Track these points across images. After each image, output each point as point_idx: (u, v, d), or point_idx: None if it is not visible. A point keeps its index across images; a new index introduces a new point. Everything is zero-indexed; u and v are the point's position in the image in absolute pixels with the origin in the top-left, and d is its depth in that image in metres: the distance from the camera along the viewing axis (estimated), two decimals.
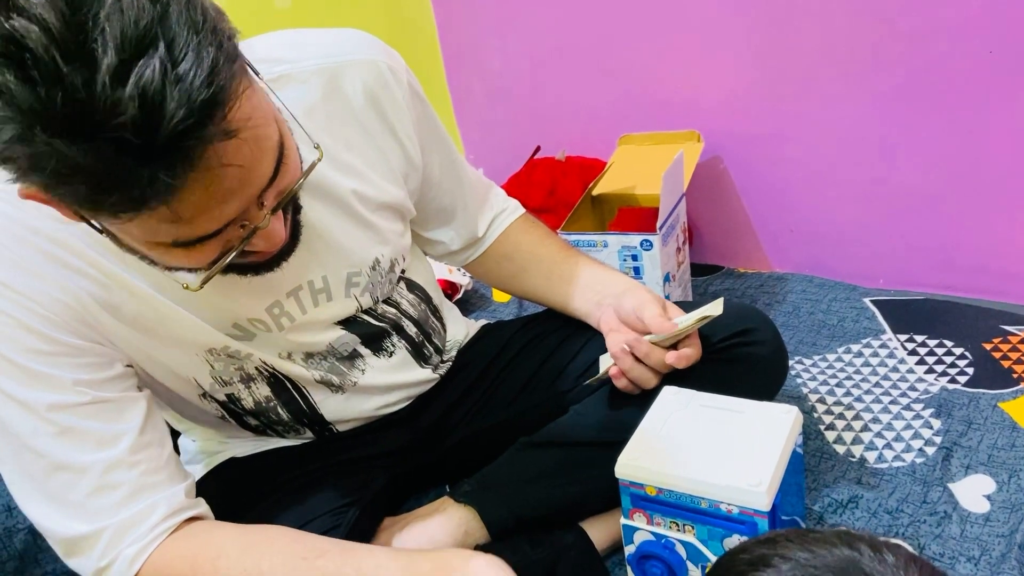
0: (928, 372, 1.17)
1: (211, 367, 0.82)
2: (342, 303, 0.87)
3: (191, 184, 0.53)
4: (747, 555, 0.47)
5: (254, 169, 0.58)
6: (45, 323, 0.69)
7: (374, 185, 0.86)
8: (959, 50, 1.21)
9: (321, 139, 0.78)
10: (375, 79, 0.83)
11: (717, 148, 1.53)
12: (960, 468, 0.99)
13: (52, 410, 0.69)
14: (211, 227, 0.58)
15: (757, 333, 0.97)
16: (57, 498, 0.71)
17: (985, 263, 1.33)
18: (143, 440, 0.74)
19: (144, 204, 0.52)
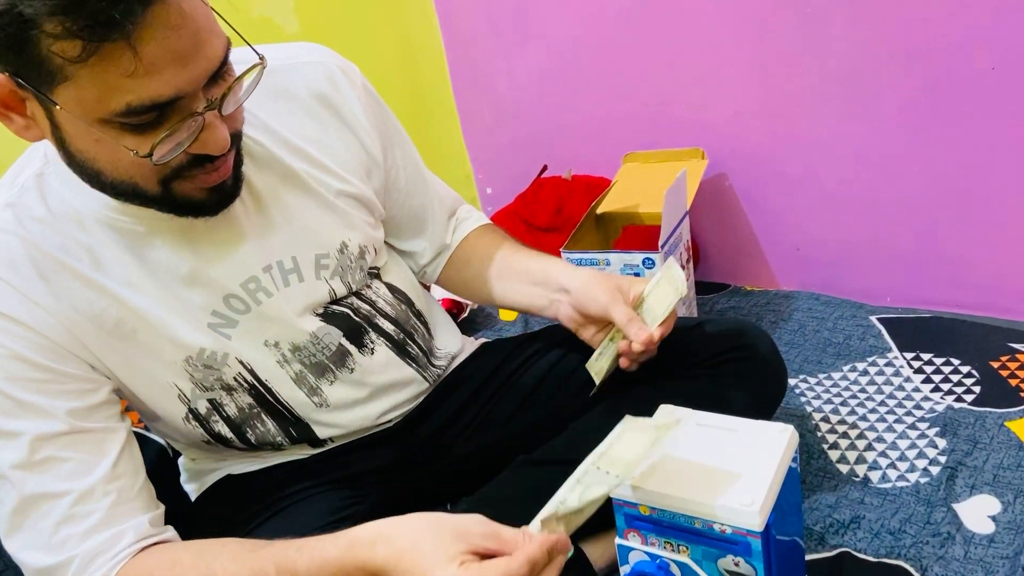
0: (934, 390, 1.16)
1: (191, 378, 0.83)
2: (313, 284, 0.88)
3: (155, 19, 0.59)
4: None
5: (207, 39, 0.64)
6: (36, 350, 0.71)
7: (334, 174, 0.88)
8: (963, 67, 1.21)
9: (273, 127, 0.84)
10: (325, 77, 0.88)
11: (722, 166, 1.53)
12: (965, 488, 0.98)
13: (36, 440, 0.71)
14: (164, 91, 0.62)
15: (752, 348, 0.97)
16: (30, 529, 0.72)
17: (992, 281, 1.31)
18: (116, 471, 0.75)
19: (111, 25, 0.57)
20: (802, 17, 1.32)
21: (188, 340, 0.81)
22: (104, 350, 0.77)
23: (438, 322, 1.07)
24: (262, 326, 0.85)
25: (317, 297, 0.89)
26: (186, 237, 0.79)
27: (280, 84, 0.85)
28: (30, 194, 0.75)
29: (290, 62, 0.87)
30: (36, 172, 0.76)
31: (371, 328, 0.94)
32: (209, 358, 0.83)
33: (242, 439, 0.92)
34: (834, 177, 1.40)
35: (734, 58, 1.43)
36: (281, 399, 0.90)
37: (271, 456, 0.97)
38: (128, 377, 0.80)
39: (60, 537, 0.72)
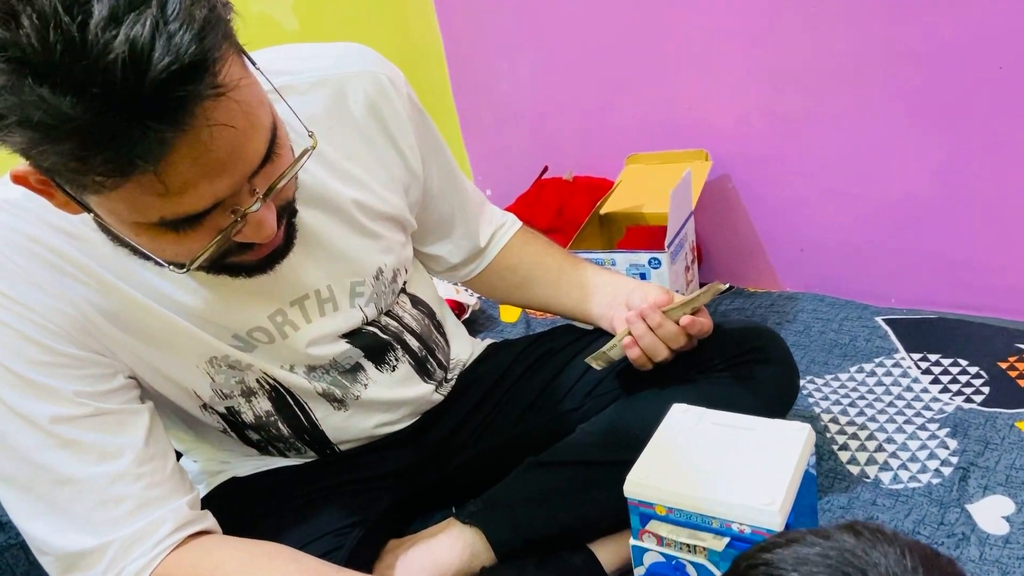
0: (943, 391, 1.15)
1: (211, 379, 0.81)
2: (347, 313, 0.87)
3: (179, 147, 0.53)
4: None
5: (245, 143, 0.58)
6: (46, 334, 0.69)
7: (375, 195, 0.86)
8: (968, 67, 1.20)
9: (323, 149, 0.78)
10: (376, 91, 0.84)
11: (726, 167, 1.52)
12: (978, 489, 0.97)
13: (54, 423, 0.69)
14: (199, 204, 0.57)
15: (768, 351, 0.96)
16: (61, 512, 0.70)
17: (998, 281, 1.31)
18: (147, 453, 0.73)
19: (132, 166, 0.52)
20: (806, 18, 1.32)
21: (211, 347, 0.79)
22: (117, 343, 0.74)
23: (452, 330, 1.06)
24: (281, 353, 0.84)
25: (351, 323, 0.88)
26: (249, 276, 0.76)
27: (333, 96, 0.81)
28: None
29: (344, 71, 0.83)
30: None
31: (399, 345, 0.93)
32: (234, 362, 0.82)
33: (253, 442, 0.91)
34: (838, 178, 1.40)
35: (738, 59, 1.42)
36: (302, 404, 0.89)
37: (278, 458, 0.95)
38: (144, 372, 0.78)
39: (95, 521, 0.69)
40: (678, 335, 0.88)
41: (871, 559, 0.43)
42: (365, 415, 0.93)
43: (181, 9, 0.50)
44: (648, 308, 0.87)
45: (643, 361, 0.90)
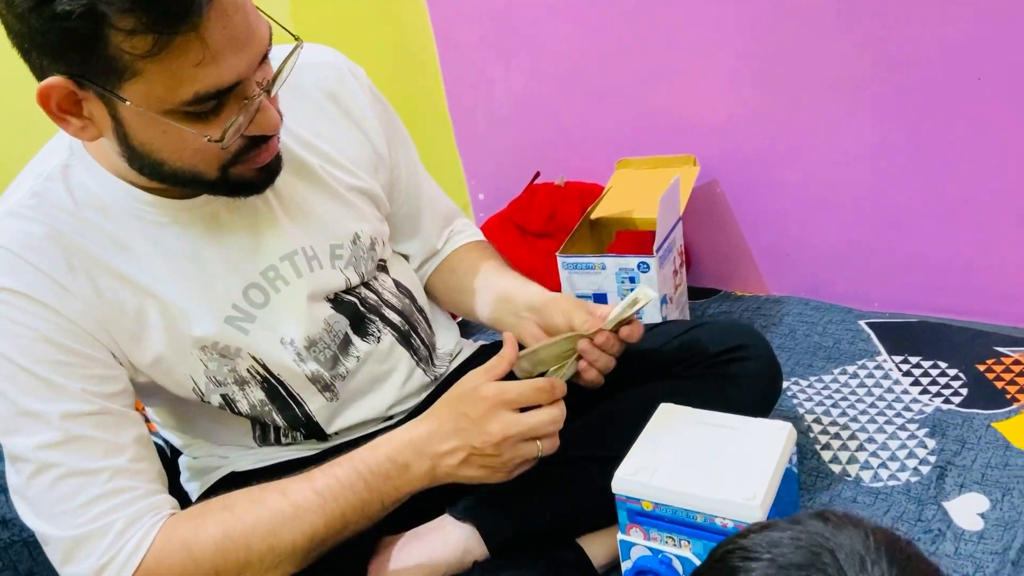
0: (923, 393, 1.18)
1: (205, 366, 0.84)
2: (330, 274, 0.91)
3: (216, 7, 0.62)
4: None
5: (254, 26, 0.67)
6: (63, 333, 0.73)
7: (344, 169, 0.92)
8: (949, 76, 1.24)
9: (290, 125, 0.86)
10: (334, 77, 0.93)
11: (714, 172, 1.55)
12: (954, 487, 1.00)
13: (65, 419, 0.72)
14: (228, 76, 0.65)
15: (750, 349, 1.00)
16: (58, 505, 0.73)
17: (978, 285, 1.35)
18: (142, 453, 0.77)
19: (183, 19, 0.60)
20: (793, 25, 1.35)
21: (205, 330, 0.83)
22: (125, 337, 0.79)
23: (439, 321, 1.09)
24: (279, 319, 0.87)
25: (333, 284, 0.92)
26: (209, 228, 0.82)
27: (293, 82, 0.86)
28: (56, 184, 0.77)
29: (303, 61, 0.88)
30: (62, 163, 0.78)
31: (378, 317, 0.97)
32: (224, 349, 0.85)
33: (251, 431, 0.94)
34: (824, 183, 1.43)
35: (726, 65, 1.45)
36: (294, 394, 0.91)
37: (277, 452, 0.98)
38: (146, 364, 0.81)
39: (94, 512, 0.73)
40: (619, 347, 0.88)
41: (838, 541, 0.46)
42: (354, 400, 0.95)
43: None
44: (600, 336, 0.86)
45: (597, 380, 0.89)
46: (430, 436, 0.79)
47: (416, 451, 0.79)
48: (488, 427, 0.76)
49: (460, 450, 0.77)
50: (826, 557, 0.45)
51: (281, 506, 0.76)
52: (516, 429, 0.77)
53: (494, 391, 0.78)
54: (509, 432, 0.77)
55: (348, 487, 0.77)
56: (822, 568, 0.45)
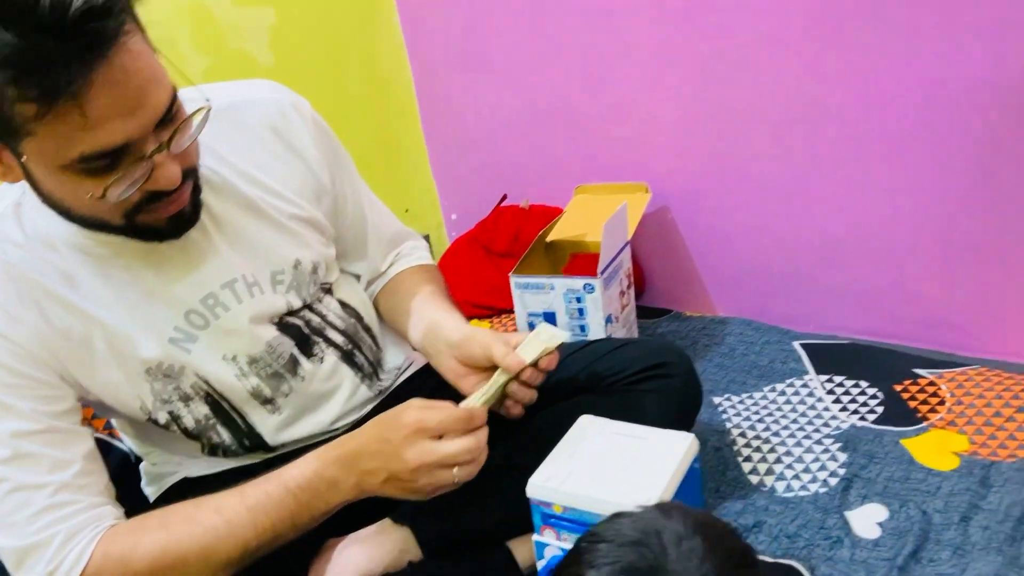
0: (842, 410, 1.27)
1: (151, 387, 0.92)
2: (271, 298, 0.97)
3: (96, 81, 0.67)
4: None
5: (149, 91, 0.73)
6: (15, 357, 0.81)
7: (286, 199, 0.98)
8: (876, 121, 1.34)
9: (231, 159, 0.94)
10: (276, 112, 0.98)
11: (666, 200, 1.65)
12: (858, 497, 1.09)
13: (14, 436, 0.80)
14: (113, 139, 0.71)
15: (671, 367, 1.08)
16: (9, 517, 0.80)
17: (902, 311, 1.44)
18: (87, 468, 0.84)
19: (57, 92, 0.66)
20: (738, 67, 1.45)
21: (149, 353, 0.89)
22: (72, 362, 0.86)
23: (388, 337, 1.17)
24: (221, 340, 0.94)
25: (275, 308, 0.98)
26: (148, 259, 0.88)
27: (237, 118, 0.96)
28: (8, 220, 0.84)
29: (246, 98, 0.98)
30: (15, 201, 0.85)
31: (321, 338, 1.03)
32: (168, 369, 0.92)
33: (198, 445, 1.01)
34: (764, 214, 1.53)
35: (677, 101, 1.55)
36: (237, 409, 0.99)
37: (226, 461, 1.05)
38: (94, 386, 0.89)
39: (41, 523, 0.79)
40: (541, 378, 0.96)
41: (665, 523, 0.56)
42: (296, 415, 1.02)
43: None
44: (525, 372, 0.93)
45: (520, 413, 0.98)
46: (357, 455, 0.85)
47: (343, 467, 0.85)
48: (405, 454, 0.82)
49: (381, 471, 0.84)
50: (653, 536, 0.55)
51: (215, 523, 0.83)
52: (431, 458, 0.82)
53: (414, 419, 0.84)
54: (424, 460, 0.82)
55: (278, 502, 0.84)
56: (648, 544, 0.54)
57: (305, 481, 0.85)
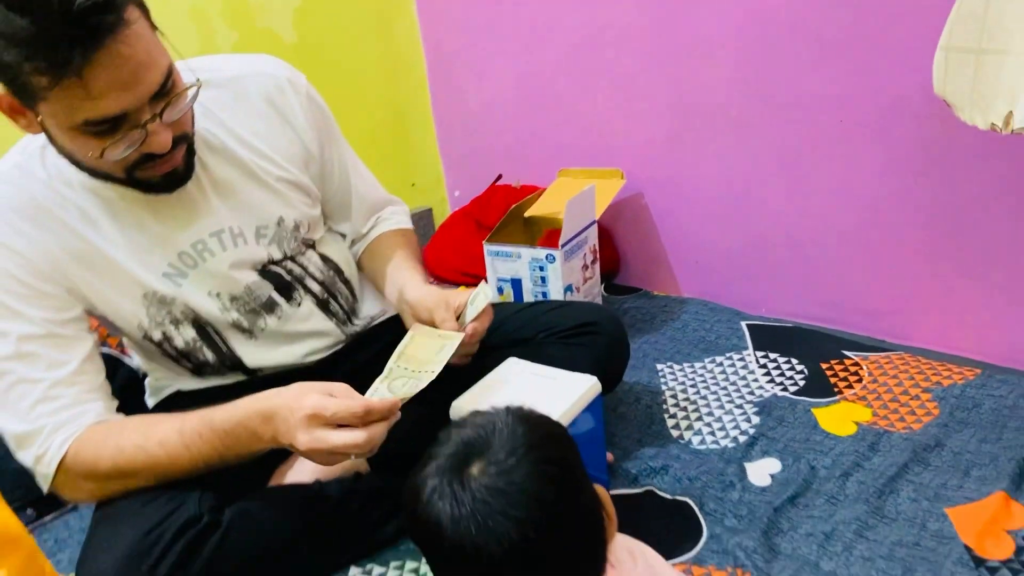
0: (769, 382, 1.40)
1: (147, 311, 1.08)
2: (254, 248, 1.12)
3: (96, 61, 0.79)
4: None
5: (145, 70, 0.85)
6: (28, 272, 0.96)
7: (275, 164, 1.13)
8: (818, 119, 1.45)
9: (231, 125, 1.08)
10: (274, 87, 1.12)
11: (640, 187, 1.78)
12: (759, 452, 1.21)
13: (21, 339, 0.96)
14: (111, 109, 0.83)
15: (600, 326, 1.22)
16: (13, 405, 0.96)
17: (842, 300, 1.55)
18: (83, 368, 0.99)
19: (64, 68, 0.78)
20: (701, 64, 1.58)
21: (146, 283, 1.05)
22: (80, 281, 1.02)
23: (365, 291, 1.33)
24: (206, 279, 1.09)
25: (256, 257, 1.13)
26: (150, 206, 1.03)
27: (239, 89, 1.11)
28: (34, 159, 1.00)
29: (249, 71, 1.13)
30: (41, 145, 1.00)
31: (300, 286, 1.19)
32: (161, 297, 1.08)
33: (188, 365, 1.18)
34: (723, 204, 1.65)
35: (648, 94, 1.68)
36: (220, 335, 1.15)
37: (212, 379, 1.23)
38: (99, 304, 1.05)
39: (35, 413, 0.95)
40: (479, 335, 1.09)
41: (499, 414, 0.70)
42: (274, 345, 1.18)
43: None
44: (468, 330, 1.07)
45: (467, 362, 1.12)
46: (272, 415, 0.92)
47: (262, 422, 0.93)
48: (299, 436, 0.89)
49: (287, 437, 0.92)
50: (488, 422, 0.69)
51: (157, 454, 0.95)
52: (322, 446, 0.88)
53: (310, 405, 0.89)
54: (314, 447, 0.88)
55: (208, 442, 0.95)
56: (483, 426, 0.69)
57: (231, 427, 0.94)
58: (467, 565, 0.67)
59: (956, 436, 1.18)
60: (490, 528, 0.65)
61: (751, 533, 1.04)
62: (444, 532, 0.66)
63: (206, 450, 0.95)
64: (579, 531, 0.70)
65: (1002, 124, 0.98)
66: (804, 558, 1.00)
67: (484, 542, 0.65)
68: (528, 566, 0.66)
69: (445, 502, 0.67)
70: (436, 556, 0.70)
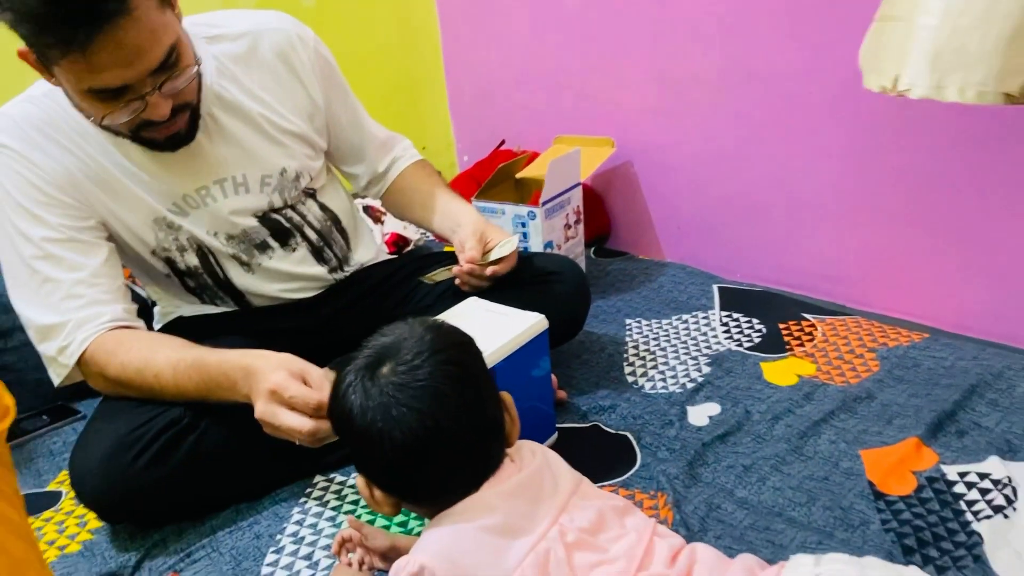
0: (728, 339, 1.48)
1: (155, 234, 1.21)
2: (256, 197, 1.24)
3: (99, 40, 0.89)
4: None
5: (146, 50, 0.95)
6: (46, 182, 1.10)
7: (281, 116, 1.24)
8: (795, 91, 1.52)
9: (241, 78, 1.19)
10: (285, 41, 1.24)
11: (629, 155, 1.86)
12: (703, 398, 1.30)
13: (44, 241, 1.09)
14: (112, 82, 0.95)
15: (562, 275, 1.32)
16: (41, 300, 1.09)
17: (809, 267, 1.62)
18: (102, 271, 1.13)
19: (69, 46, 0.89)
20: (686, 37, 1.65)
21: (156, 210, 1.18)
22: (95, 200, 1.14)
23: (360, 239, 1.44)
24: (207, 220, 1.22)
25: (257, 205, 1.25)
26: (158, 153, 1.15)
27: (252, 44, 1.22)
28: (60, 93, 1.11)
29: (261, 27, 1.24)
30: None
31: (298, 233, 1.32)
32: (170, 222, 1.21)
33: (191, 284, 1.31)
34: (703, 172, 1.73)
35: (637, 64, 1.76)
36: (220, 264, 1.28)
37: (210, 307, 1.36)
38: (112, 221, 1.17)
39: (62, 308, 1.08)
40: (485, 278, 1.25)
41: (411, 325, 0.80)
42: (267, 280, 1.31)
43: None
44: (469, 267, 1.23)
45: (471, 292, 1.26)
46: (252, 374, 0.99)
47: (243, 376, 1.01)
48: (258, 404, 0.97)
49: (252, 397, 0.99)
50: (400, 331, 0.80)
51: (151, 383, 1.07)
52: (273, 421, 0.96)
53: (273, 382, 0.96)
54: (266, 420, 0.97)
55: (194, 382, 1.05)
56: (394, 334, 0.80)
57: (216, 373, 1.03)
58: (374, 449, 0.78)
59: (889, 390, 1.26)
60: (393, 417, 0.76)
61: (677, 463, 1.13)
62: (355, 420, 0.78)
63: (191, 388, 1.06)
64: (476, 426, 0.80)
65: (891, 86, 1.04)
66: (721, 486, 1.09)
67: (388, 429, 0.76)
68: (425, 451, 0.77)
69: (357, 395, 0.78)
70: (350, 441, 0.81)
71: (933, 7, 0.95)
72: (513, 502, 0.79)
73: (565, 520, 0.79)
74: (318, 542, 1.05)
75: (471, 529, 0.76)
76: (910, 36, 0.89)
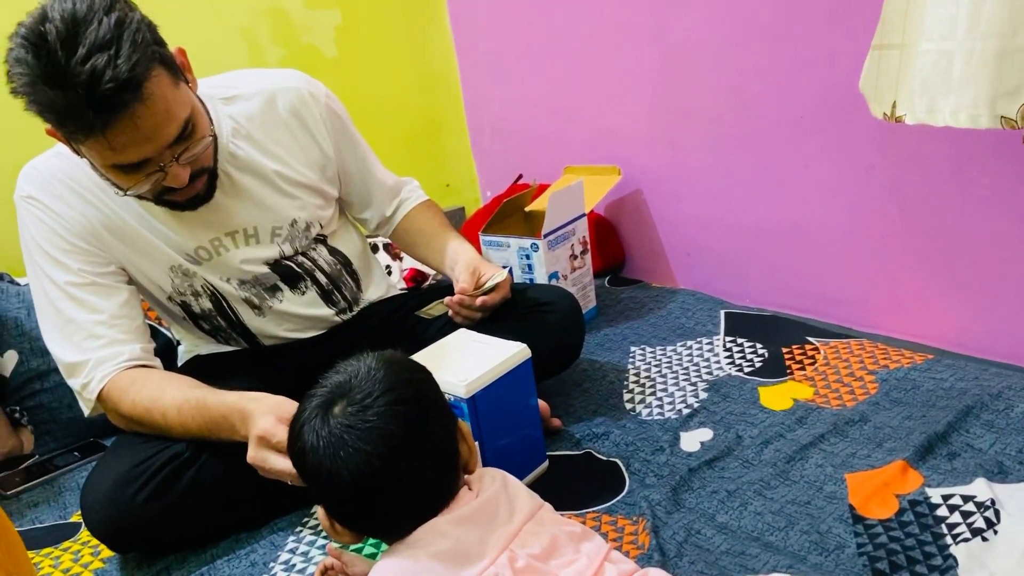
0: (729, 364, 1.48)
1: (172, 280, 1.30)
2: (268, 247, 1.32)
3: (117, 125, 0.97)
4: None
5: (161, 129, 1.03)
6: (68, 231, 1.19)
7: (294, 169, 1.32)
8: (784, 118, 1.53)
9: (256, 136, 1.26)
10: (297, 99, 1.31)
11: (638, 184, 1.89)
12: (696, 424, 1.31)
13: (67, 284, 1.19)
14: (132, 158, 1.02)
15: (554, 306, 1.35)
16: (66, 339, 1.19)
17: (815, 290, 1.61)
18: (121, 312, 1.21)
19: (90, 132, 0.97)
20: (682, 72, 1.68)
21: (172, 260, 1.27)
22: (115, 249, 1.23)
23: (372, 278, 1.51)
24: (220, 268, 1.29)
25: (267, 255, 1.32)
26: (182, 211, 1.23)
27: (268, 103, 1.29)
28: None
29: (274, 86, 1.31)
30: None
31: (308, 277, 1.39)
32: (185, 270, 1.29)
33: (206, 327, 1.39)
34: (709, 200, 1.74)
35: (641, 96, 1.79)
36: (232, 308, 1.36)
37: (225, 346, 1.43)
38: (131, 269, 1.26)
39: (84, 347, 1.17)
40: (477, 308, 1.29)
41: (363, 360, 0.84)
42: (277, 322, 1.39)
43: (127, 52, 0.97)
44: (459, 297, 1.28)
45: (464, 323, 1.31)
46: (247, 417, 1.05)
47: (240, 419, 1.07)
48: (249, 450, 1.03)
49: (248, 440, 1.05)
50: (352, 368, 0.84)
51: (158, 421, 1.14)
52: (263, 465, 1.02)
53: (262, 428, 1.02)
54: (256, 464, 1.03)
55: (196, 423, 1.12)
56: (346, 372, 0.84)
57: (217, 415, 1.10)
58: (325, 486, 0.82)
59: (884, 413, 1.24)
60: (341, 458, 0.80)
61: (661, 489, 1.14)
62: (308, 458, 0.82)
63: (195, 428, 1.12)
64: (425, 462, 0.83)
65: (890, 113, 1.05)
66: (703, 511, 1.09)
67: (336, 469, 0.80)
68: (374, 489, 0.81)
69: (311, 434, 0.82)
70: (305, 478, 0.85)
71: (921, 33, 0.97)
72: (464, 529, 0.82)
73: (516, 546, 0.81)
74: (307, 569, 1.10)
75: (422, 556, 0.80)
76: (902, 63, 0.92)
